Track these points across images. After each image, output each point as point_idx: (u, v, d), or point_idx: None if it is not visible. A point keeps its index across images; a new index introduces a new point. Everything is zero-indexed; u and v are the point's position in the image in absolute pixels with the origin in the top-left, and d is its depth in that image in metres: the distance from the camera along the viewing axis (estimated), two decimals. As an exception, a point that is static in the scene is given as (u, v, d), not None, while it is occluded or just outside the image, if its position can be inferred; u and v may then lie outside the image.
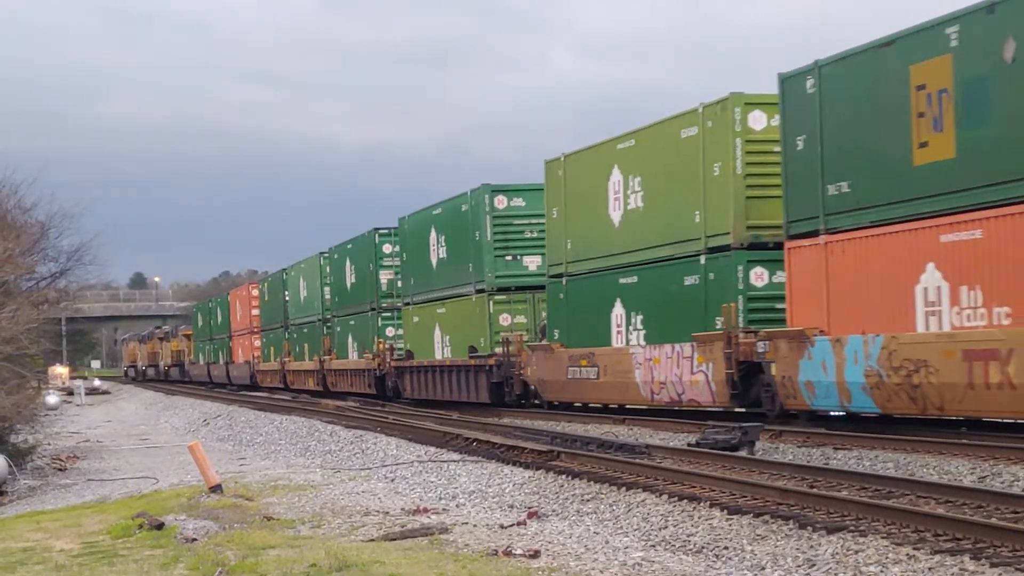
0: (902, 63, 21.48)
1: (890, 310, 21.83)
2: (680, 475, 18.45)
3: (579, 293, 32.30)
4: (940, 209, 20.78)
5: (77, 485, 30.91)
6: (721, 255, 26.39)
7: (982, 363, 19.66)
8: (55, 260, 60.48)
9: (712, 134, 26.60)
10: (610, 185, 30.56)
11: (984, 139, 20.04)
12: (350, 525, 17.22)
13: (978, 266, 20.10)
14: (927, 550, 12.21)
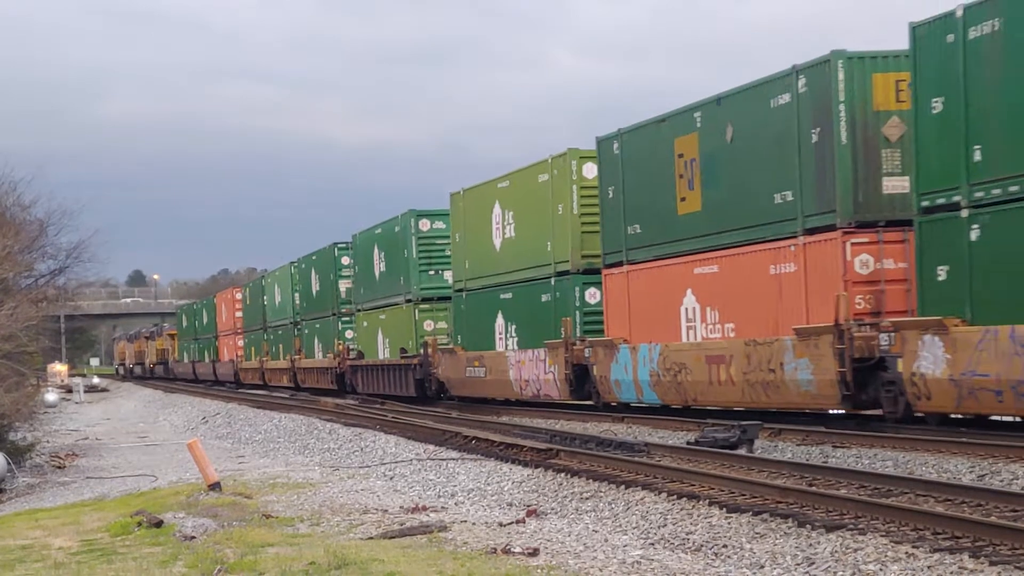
0: (670, 136, 28.20)
1: (665, 325, 28.42)
2: (679, 473, 18.44)
3: (474, 305, 38.79)
4: (694, 249, 27.55)
5: (76, 483, 30.91)
6: (564, 278, 32.92)
7: (717, 365, 26.43)
8: (54, 258, 60.61)
9: (557, 180, 33.08)
10: (493, 217, 37.20)
11: (717, 198, 26.82)
12: (349, 523, 17.22)
13: (716, 293, 26.77)
14: (926, 548, 12.21)
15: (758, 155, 25.52)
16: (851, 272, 23.23)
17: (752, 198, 25.64)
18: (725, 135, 26.42)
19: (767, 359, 24.89)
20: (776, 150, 24.90)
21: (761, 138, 25.38)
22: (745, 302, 25.84)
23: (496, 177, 37.14)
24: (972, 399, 20.16)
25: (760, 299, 25.38)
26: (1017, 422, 21.35)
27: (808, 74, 24.04)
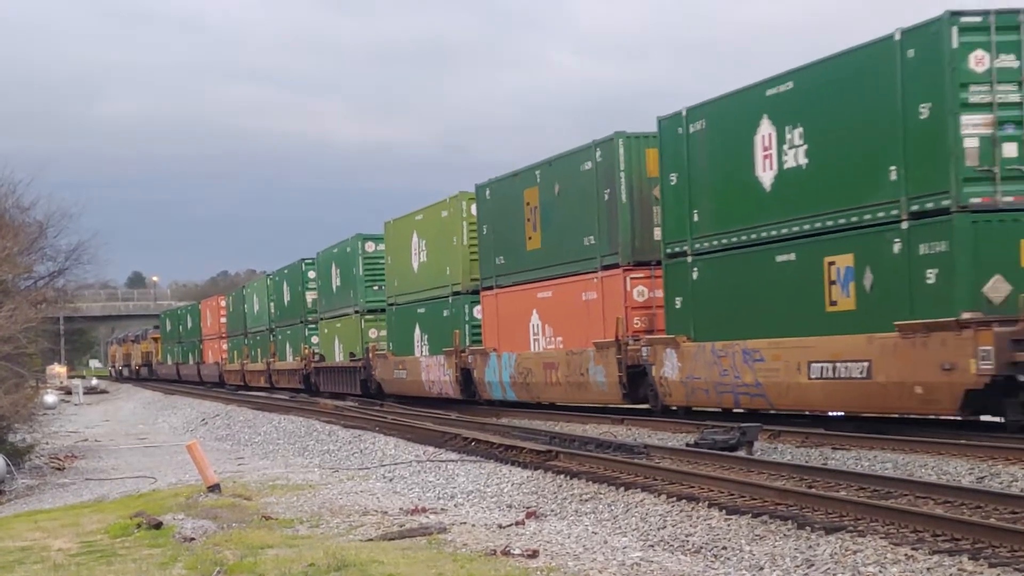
0: (521, 188, 35.41)
1: (519, 337, 35.42)
2: (679, 475, 18.45)
3: (400, 317, 45.75)
4: (537, 278, 34.66)
5: (75, 484, 30.89)
6: (458, 297, 40.03)
7: (550, 370, 33.56)
8: (53, 259, 60.50)
9: (452, 217, 40.42)
10: (412, 244, 44.15)
11: (550, 238, 33.95)
12: (348, 525, 17.22)
13: (551, 313, 33.91)
14: (926, 550, 12.22)
15: (574, 207, 32.60)
16: (630, 300, 30.37)
17: (571, 240, 32.71)
18: (554, 190, 33.67)
19: (579, 365, 31.94)
20: (584, 204, 31.97)
21: (575, 194, 32.52)
22: (568, 321, 32.89)
23: (415, 210, 44.23)
24: (694, 395, 27.68)
25: (577, 319, 32.33)
26: (999, 423, 21.37)
27: (601, 148, 31.05)
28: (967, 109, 20.73)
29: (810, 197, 23.91)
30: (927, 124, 21.13)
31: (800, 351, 23.98)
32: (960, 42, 20.70)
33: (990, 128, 20.76)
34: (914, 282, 21.49)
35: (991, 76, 20.74)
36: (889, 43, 21.91)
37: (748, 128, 25.47)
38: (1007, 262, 20.64)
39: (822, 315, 23.63)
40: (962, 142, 20.69)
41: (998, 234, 20.73)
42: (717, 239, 26.77)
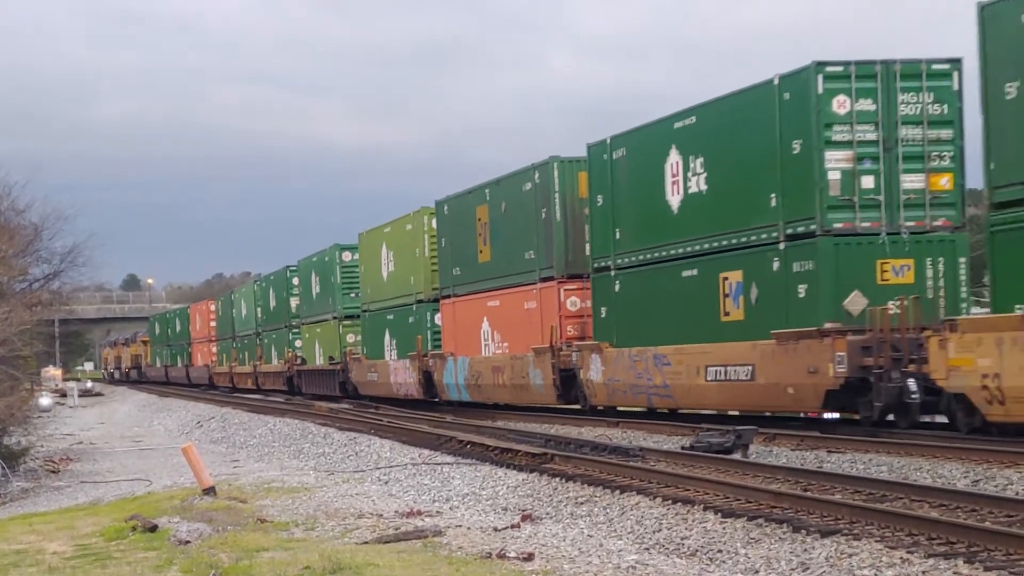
0: (474, 205, 38.26)
1: (473, 343, 38.14)
2: (674, 478, 18.45)
3: (372, 323, 48.45)
4: (487, 288, 37.22)
5: (70, 487, 30.90)
6: (421, 305, 42.84)
7: (498, 373, 36.21)
8: (49, 262, 60.46)
9: (415, 230, 43.35)
10: (382, 255, 46.98)
11: (498, 252, 36.62)
12: (344, 528, 17.21)
13: (499, 321, 36.63)
14: (921, 554, 12.22)
15: (517, 224, 35.49)
16: (564, 309, 33.34)
17: (515, 254, 35.56)
18: (501, 208, 36.51)
19: (521, 369, 34.69)
20: (525, 221, 34.93)
21: (518, 212, 35.45)
22: (513, 328, 35.60)
23: (385, 223, 47.17)
24: (615, 395, 30.63)
25: (520, 326, 35.05)
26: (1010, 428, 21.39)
27: (539, 170, 33.98)
28: (830, 146, 24.00)
29: (709, 219, 27.05)
30: (798, 158, 24.33)
31: (699, 356, 27.04)
32: (824, 88, 23.98)
33: (850, 163, 24.07)
34: (789, 296, 24.58)
35: (851, 118, 24.03)
36: (769, 87, 25.00)
37: (660, 157, 28.63)
38: (864, 279, 23.86)
39: (717, 324, 26.73)
40: (826, 175, 23.97)
41: (856, 255, 23.91)
42: (635, 255, 29.96)
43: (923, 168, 24.19)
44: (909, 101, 24.26)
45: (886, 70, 24.26)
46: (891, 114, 24.15)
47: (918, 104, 24.22)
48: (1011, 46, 20.49)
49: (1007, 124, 20.63)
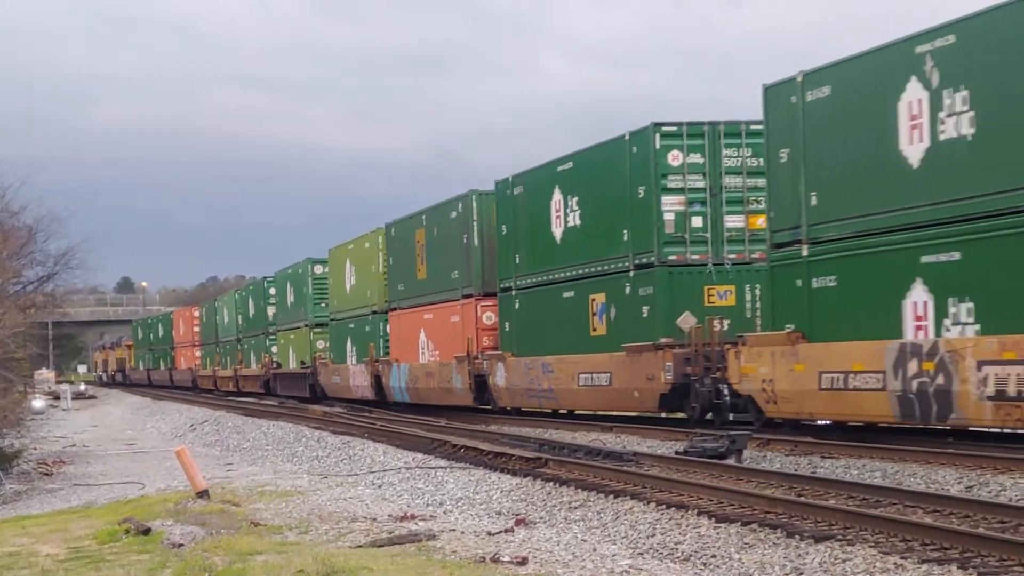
0: (414, 228, 43.52)
1: (412, 351, 43.22)
2: (668, 483, 18.46)
3: (337, 331, 53.65)
4: (424, 303, 42.47)
5: (63, 490, 30.85)
6: (375, 315, 47.53)
7: (431, 377, 41.21)
8: (43, 264, 60.60)
9: (371, 248, 48.41)
10: (346, 269, 52.05)
11: (432, 271, 41.79)
12: (337, 531, 17.20)
13: (433, 331, 41.56)
14: (915, 559, 12.23)
15: (446, 247, 40.58)
16: (481, 323, 38.10)
17: (444, 273, 40.56)
18: (434, 232, 41.59)
19: (446, 374, 39.68)
20: (451, 245, 39.96)
21: (446, 237, 40.60)
22: (442, 338, 40.67)
23: (349, 240, 52.16)
24: (515, 398, 35.95)
25: (448, 337, 40.10)
26: (1007, 433, 21.43)
27: (462, 201, 39.07)
28: (666, 192, 29.31)
29: (582, 249, 32.46)
30: (642, 201, 29.63)
31: (574, 365, 32.42)
32: (661, 144, 29.23)
33: (683, 206, 29.39)
34: (636, 315, 29.88)
35: (683, 169, 29.34)
36: (622, 141, 30.43)
37: (547, 195, 34.12)
38: (694, 302, 29.17)
39: (588, 338, 31.98)
40: (663, 215, 29.31)
41: (688, 282, 29.34)
42: (530, 278, 35.32)
43: (743, 211, 29.43)
44: (731, 155, 29.51)
45: (712, 129, 29.57)
46: (716, 166, 29.51)
47: (738, 158, 29.48)
48: (783, 120, 25.09)
49: (781, 181, 25.07)
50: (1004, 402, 19.73)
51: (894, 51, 22.45)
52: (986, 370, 20.06)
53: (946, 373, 20.82)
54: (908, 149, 22.11)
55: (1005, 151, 20.21)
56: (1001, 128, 20.33)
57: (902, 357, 21.73)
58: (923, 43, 21.67)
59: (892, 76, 22.32)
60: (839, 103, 23.74)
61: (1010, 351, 19.69)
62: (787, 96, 24.92)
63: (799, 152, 24.60)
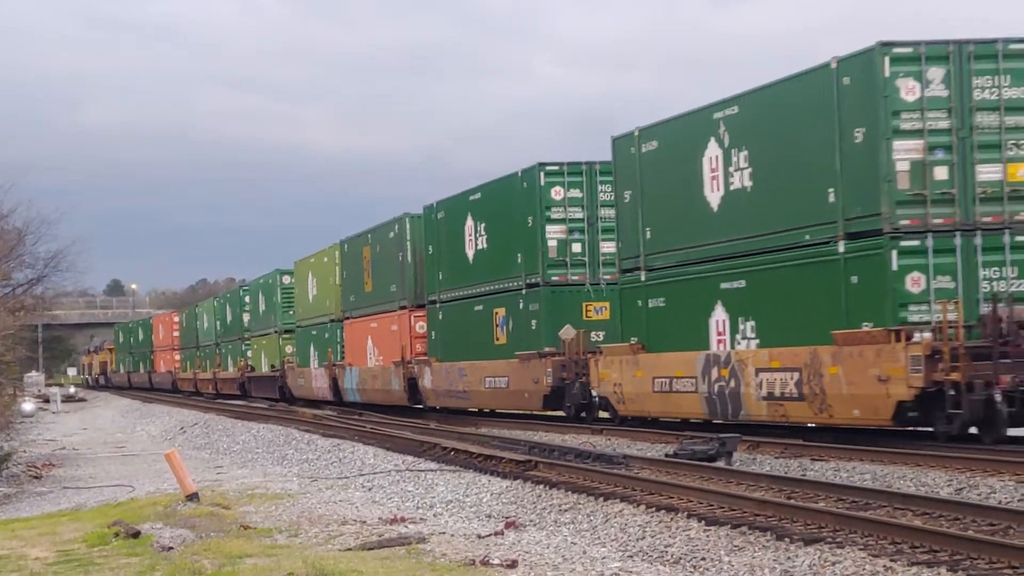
0: (362, 246, 48.01)
1: (362, 355, 47.60)
2: (658, 486, 18.46)
3: (302, 337, 58.02)
4: (370, 313, 46.82)
5: (53, 493, 30.78)
6: (334, 323, 51.85)
7: (376, 379, 45.68)
8: (32, 267, 60.32)
9: (329, 262, 52.88)
10: (309, 281, 56.92)
11: (377, 284, 46.21)
12: (327, 534, 17.19)
13: (378, 338, 45.91)
14: (904, 562, 12.24)
15: (386, 263, 45.17)
16: (414, 331, 42.64)
17: (385, 287, 45.19)
18: (377, 250, 46.08)
19: (387, 377, 44.18)
20: (390, 262, 44.65)
21: (387, 254, 45.10)
22: (385, 345, 44.95)
23: (312, 254, 56.67)
24: (439, 399, 40.56)
25: (389, 344, 44.49)
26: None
27: (398, 223, 43.79)
28: (550, 221, 33.86)
29: (488, 269, 36.96)
30: (531, 229, 33.94)
31: (481, 369, 36.92)
32: (545, 181, 33.89)
33: (564, 234, 33.67)
34: (527, 327, 34.45)
35: (565, 202, 33.86)
36: (515, 177, 35.05)
37: (462, 220, 38.78)
38: (574, 316, 33.32)
39: (492, 347, 36.43)
40: (547, 243, 33.67)
41: (568, 299, 33.70)
42: (449, 292, 39.87)
43: (614, 239, 32.01)
44: (606, 191, 33.19)
45: (589, 168, 33.83)
46: (593, 199, 33.83)
47: (611, 193, 32.34)
48: (626, 166, 30.20)
49: (625, 217, 30.53)
50: (773, 401, 24.76)
51: (699, 116, 27.47)
52: (761, 376, 25.11)
53: (736, 378, 25.89)
54: (710, 196, 27.21)
55: (772, 200, 25.26)
56: (769, 182, 25.39)
57: (708, 365, 26.89)
58: (718, 111, 26.76)
59: (698, 136, 27.43)
60: (663, 155, 28.88)
61: (776, 360, 24.76)
62: (628, 147, 30.01)
63: (638, 193, 29.77)
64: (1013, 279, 22.38)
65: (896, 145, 22.32)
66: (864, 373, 22.19)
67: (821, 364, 23.27)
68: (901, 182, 22.27)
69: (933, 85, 22.48)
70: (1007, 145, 22.42)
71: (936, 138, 22.39)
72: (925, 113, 22.34)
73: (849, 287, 23.13)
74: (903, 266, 22.22)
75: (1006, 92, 22.51)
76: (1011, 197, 22.39)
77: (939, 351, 21.08)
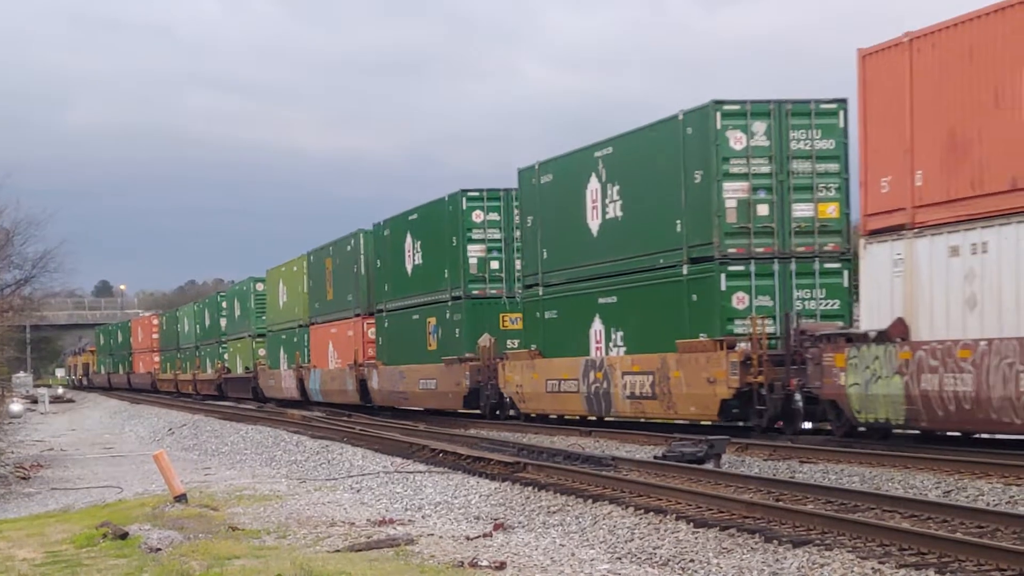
0: (324, 257, 52.53)
1: (324, 359, 52.27)
2: (646, 488, 18.47)
3: (273, 341, 62.34)
4: (331, 319, 51.79)
5: (41, 494, 30.69)
6: (301, 328, 56.43)
7: (334, 380, 49.97)
8: (20, 267, 60.31)
9: (298, 271, 57.38)
10: (279, 289, 61.52)
11: (337, 293, 50.69)
12: (315, 536, 17.17)
13: (338, 343, 50.33)
14: (892, 564, 12.25)
15: (343, 274, 49.99)
16: (366, 337, 47.17)
17: (343, 296, 49.84)
18: (337, 262, 50.82)
19: (343, 378, 48.91)
20: (347, 273, 49.44)
21: (345, 266, 49.63)
22: (343, 349, 49.41)
23: (283, 263, 61.05)
24: (385, 398, 45.07)
25: (346, 348, 48.93)
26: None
27: (353, 238, 48.30)
28: (471, 242, 38.64)
29: (423, 283, 41.81)
30: (455, 248, 38.87)
31: (416, 372, 41.67)
32: (467, 206, 38.83)
33: (483, 253, 38.51)
34: (452, 335, 39.30)
35: (484, 224, 38.75)
36: (443, 202, 40.09)
37: (402, 238, 43.69)
38: (492, 326, 38.01)
39: (425, 352, 41.21)
40: (468, 260, 38.44)
41: (486, 311, 38.38)
42: (392, 303, 44.69)
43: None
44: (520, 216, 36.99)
45: (507, 194, 38.46)
46: (509, 222, 38.28)
47: (504, 216, 38.44)
48: (529, 194, 35.25)
49: (528, 239, 35.41)
50: (634, 400, 29.42)
51: (584, 154, 32.10)
52: (626, 378, 29.66)
53: (608, 380, 30.47)
54: (591, 223, 31.81)
55: (637, 229, 29.73)
56: (634, 213, 29.92)
57: (587, 369, 31.57)
58: (598, 150, 31.41)
59: (583, 171, 32.05)
60: (556, 186, 33.67)
61: (636, 365, 29.28)
62: (530, 178, 34.94)
63: (538, 219, 34.62)
64: (822, 299, 27.08)
65: (726, 186, 26.90)
66: (698, 376, 26.77)
67: (668, 368, 27.81)
68: (730, 217, 26.92)
69: (757, 136, 27.08)
70: (818, 187, 27.17)
71: (759, 180, 26.97)
72: (750, 160, 27.00)
73: (691, 304, 27.66)
74: (730, 287, 26.88)
75: (817, 144, 27.21)
76: (820, 231, 27.07)
77: (751, 358, 25.55)
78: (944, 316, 21.09)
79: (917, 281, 21.66)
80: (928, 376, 20.93)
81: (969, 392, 20.10)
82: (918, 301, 21.63)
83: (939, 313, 21.20)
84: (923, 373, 21.04)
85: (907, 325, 21.80)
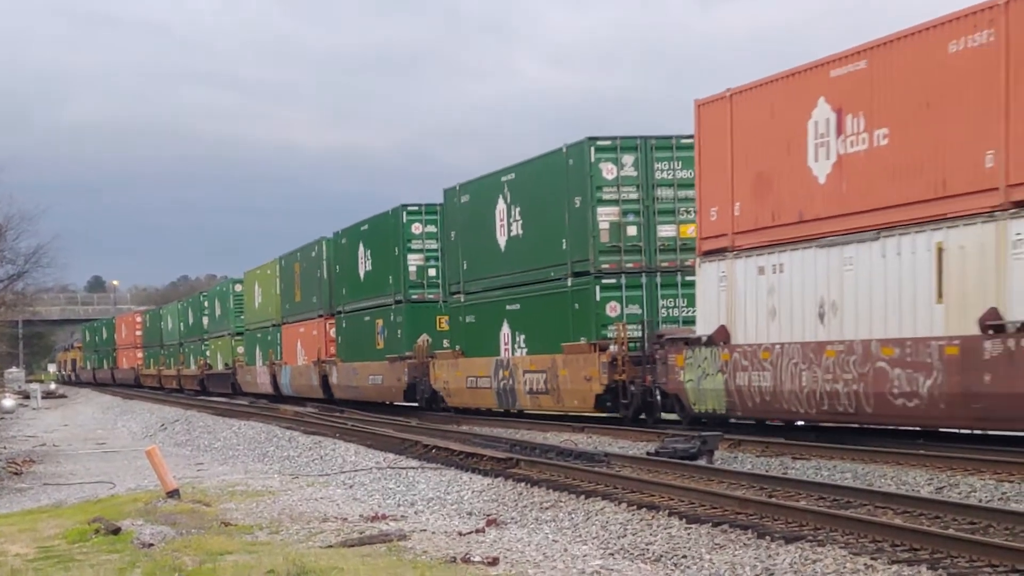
0: (293, 262, 55.96)
1: (293, 356, 56.15)
2: (639, 484, 18.47)
3: (250, 338, 66.37)
4: (299, 319, 56.01)
5: (33, 489, 30.67)
6: (274, 327, 60.20)
7: (302, 375, 54.71)
8: (13, 262, 60.34)
9: (272, 274, 60.57)
10: (255, 290, 65.51)
11: (303, 295, 55.22)
12: (308, 531, 17.16)
13: (305, 342, 54.77)
14: (885, 560, 12.26)
15: (310, 278, 54.26)
16: (328, 336, 51.22)
17: (309, 298, 54.42)
18: (304, 266, 55.16)
19: (309, 374, 53.29)
20: (312, 277, 53.75)
21: (311, 270, 53.98)
22: (309, 347, 53.80)
23: (258, 266, 65.26)
24: (343, 392, 48.83)
25: (311, 346, 53.31)
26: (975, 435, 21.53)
27: (317, 244, 52.97)
28: (411, 251, 42.57)
29: (372, 287, 45.82)
30: (397, 257, 42.99)
31: (366, 368, 46.00)
32: (407, 218, 42.89)
33: (422, 261, 42.56)
34: (395, 336, 43.27)
35: (423, 235, 42.74)
36: (387, 215, 44.16)
37: (356, 247, 47.64)
38: (430, 327, 42.02)
39: (375, 350, 45.23)
40: (408, 267, 42.55)
41: (424, 313, 42.39)
42: (348, 305, 48.91)
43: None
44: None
45: (442, 208, 41.11)
46: (447, 235, 40.20)
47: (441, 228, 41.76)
48: (453, 211, 39.32)
49: (451, 251, 39.57)
50: (533, 395, 33.58)
51: (493, 178, 36.15)
52: (526, 376, 33.90)
53: (513, 378, 34.61)
54: (500, 239, 35.78)
55: (534, 245, 33.80)
56: (532, 231, 33.95)
57: (497, 368, 35.63)
58: (505, 175, 35.44)
59: (492, 193, 36.08)
60: (472, 206, 37.74)
61: (534, 364, 33.54)
62: (453, 197, 39.12)
63: (459, 234, 38.65)
64: (684, 307, 30.97)
65: (600, 210, 30.91)
66: (579, 374, 31.00)
67: (557, 367, 31.99)
68: (603, 237, 30.90)
69: (626, 167, 30.96)
70: (679, 211, 31.10)
71: (628, 205, 31.00)
72: (620, 187, 30.97)
73: (573, 312, 31.76)
74: (604, 297, 30.93)
75: (678, 173, 31.11)
76: (682, 248, 30.88)
77: (617, 359, 29.78)
78: (754, 324, 25.27)
79: (735, 294, 25.87)
80: (741, 373, 25.31)
81: (768, 387, 24.39)
82: (736, 311, 25.88)
83: (750, 321, 25.40)
84: (738, 371, 25.41)
85: (728, 331, 26.02)
